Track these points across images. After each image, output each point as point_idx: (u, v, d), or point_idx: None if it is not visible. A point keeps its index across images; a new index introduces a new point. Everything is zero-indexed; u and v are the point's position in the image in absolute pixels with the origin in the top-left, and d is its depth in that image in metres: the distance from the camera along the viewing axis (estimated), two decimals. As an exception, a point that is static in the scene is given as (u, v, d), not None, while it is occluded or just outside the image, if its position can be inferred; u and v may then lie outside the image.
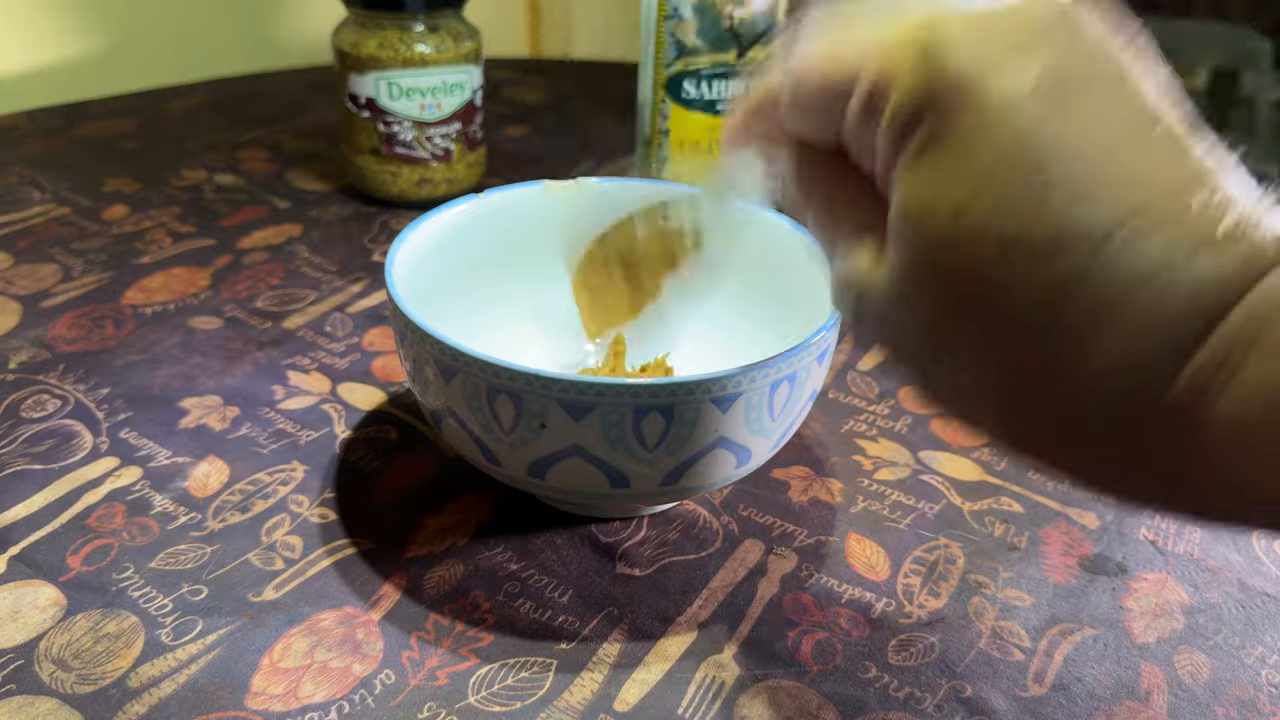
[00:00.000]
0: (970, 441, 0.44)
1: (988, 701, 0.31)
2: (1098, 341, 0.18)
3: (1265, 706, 0.32)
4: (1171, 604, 0.36)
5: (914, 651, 0.33)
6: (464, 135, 0.62)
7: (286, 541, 0.36)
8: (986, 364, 0.20)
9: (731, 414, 0.32)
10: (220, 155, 0.71)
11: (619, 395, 0.30)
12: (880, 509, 0.40)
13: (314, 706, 0.30)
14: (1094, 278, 0.18)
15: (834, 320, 0.34)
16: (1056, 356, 0.19)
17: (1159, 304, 0.18)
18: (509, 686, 0.31)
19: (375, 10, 0.57)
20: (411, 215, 0.62)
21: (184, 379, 0.45)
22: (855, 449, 0.43)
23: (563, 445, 0.32)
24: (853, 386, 0.47)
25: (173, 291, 0.52)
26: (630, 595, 0.35)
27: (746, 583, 0.36)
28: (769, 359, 0.32)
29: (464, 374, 0.32)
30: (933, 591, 0.36)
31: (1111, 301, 0.18)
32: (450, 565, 0.36)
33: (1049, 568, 0.37)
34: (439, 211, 0.40)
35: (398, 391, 0.45)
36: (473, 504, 0.39)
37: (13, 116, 0.76)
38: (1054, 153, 0.18)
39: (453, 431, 0.34)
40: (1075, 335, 0.18)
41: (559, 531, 0.37)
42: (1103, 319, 0.18)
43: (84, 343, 0.48)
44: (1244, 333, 0.17)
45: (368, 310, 0.52)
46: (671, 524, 0.38)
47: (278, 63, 0.92)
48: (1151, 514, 0.40)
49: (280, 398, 0.44)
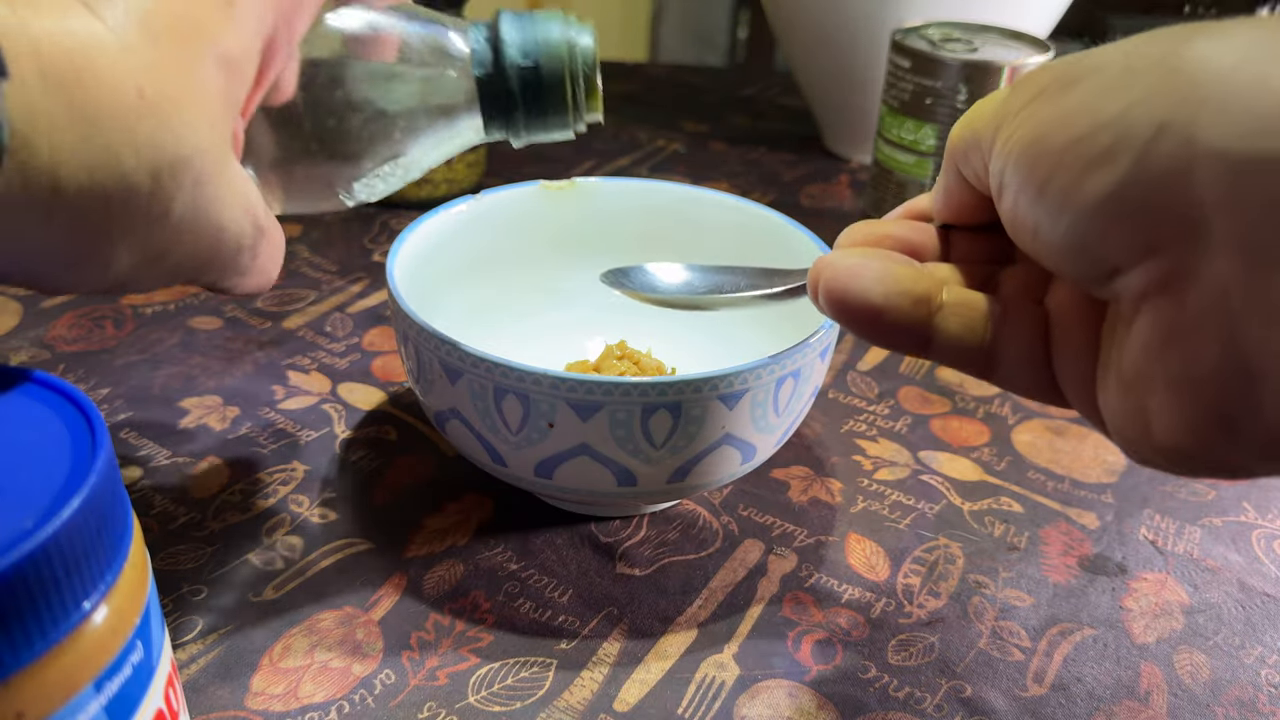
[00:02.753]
0: (969, 442, 0.44)
1: (988, 701, 0.32)
2: None
3: (1265, 706, 0.32)
4: (1171, 604, 0.36)
5: (914, 651, 0.33)
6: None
7: (286, 541, 0.36)
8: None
9: (738, 411, 0.32)
10: (220, 155, 0.71)
11: (627, 394, 0.30)
12: (880, 509, 0.40)
13: (314, 706, 0.30)
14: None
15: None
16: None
17: None
18: (509, 686, 0.31)
19: (375, 10, 0.57)
20: (411, 215, 0.62)
21: (184, 379, 0.45)
22: (855, 449, 0.43)
23: (570, 445, 0.32)
24: (853, 386, 0.47)
25: (173, 291, 0.52)
26: (630, 595, 0.35)
27: (746, 583, 0.36)
28: (775, 355, 0.32)
29: (470, 375, 0.32)
30: (933, 591, 0.36)
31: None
32: (450, 565, 0.36)
33: (1049, 568, 0.37)
34: (438, 212, 0.40)
35: (398, 391, 0.45)
36: (472, 504, 0.39)
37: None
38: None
39: (458, 432, 0.34)
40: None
41: (559, 531, 0.37)
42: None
43: (84, 343, 0.47)
44: None
45: (368, 310, 0.52)
46: (671, 524, 0.38)
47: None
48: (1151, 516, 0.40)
49: (280, 398, 0.44)
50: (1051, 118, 0.19)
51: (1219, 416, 0.18)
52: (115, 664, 0.18)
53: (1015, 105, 0.21)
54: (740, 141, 0.78)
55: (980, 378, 0.24)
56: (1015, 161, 0.20)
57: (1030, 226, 0.20)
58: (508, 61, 0.28)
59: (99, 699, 0.18)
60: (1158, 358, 0.19)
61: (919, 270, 0.23)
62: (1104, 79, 0.19)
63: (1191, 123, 0.17)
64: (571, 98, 0.29)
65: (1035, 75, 0.21)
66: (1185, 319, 0.18)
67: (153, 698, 0.20)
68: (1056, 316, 0.23)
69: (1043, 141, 0.19)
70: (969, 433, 0.44)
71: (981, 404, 0.46)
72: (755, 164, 0.73)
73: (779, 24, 0.75)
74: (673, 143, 0.77)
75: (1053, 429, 0.45)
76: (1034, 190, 0.20)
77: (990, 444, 0.44)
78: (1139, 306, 0.19)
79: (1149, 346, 0.19)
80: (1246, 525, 0.40)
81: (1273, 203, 0.16)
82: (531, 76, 0.28)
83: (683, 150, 0.76)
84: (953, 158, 0.24)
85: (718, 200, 0.43)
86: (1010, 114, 0.21)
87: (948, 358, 0.23)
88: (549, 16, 0.29)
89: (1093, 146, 0.18)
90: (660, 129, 0.80)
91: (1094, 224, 0.19)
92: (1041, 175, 0.19)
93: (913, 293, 0.23)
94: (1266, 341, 0.17)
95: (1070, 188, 0.19)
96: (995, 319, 0.23)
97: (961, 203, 0.25)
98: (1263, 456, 0.18)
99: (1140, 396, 0.19)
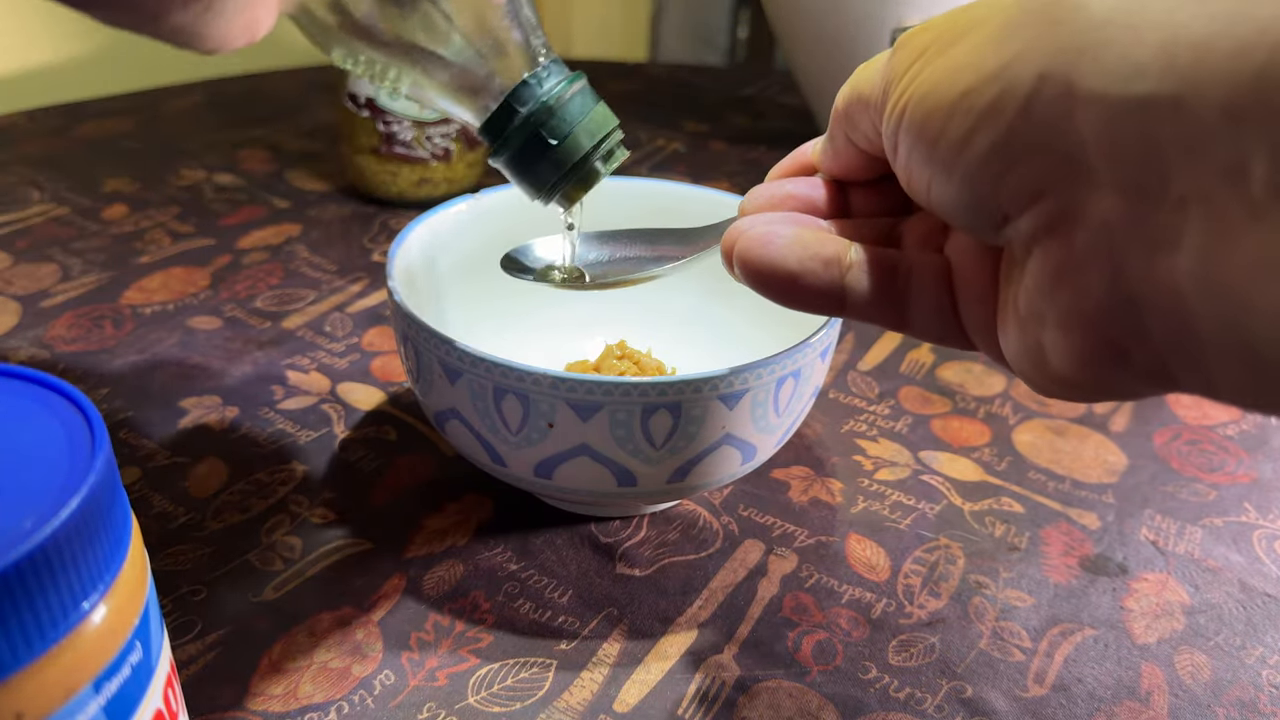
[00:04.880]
0: (970, 442, 0.44)
1: (988, 702, 0.31)
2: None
3: (1265, 707, 0.32)
4: (1172, 604, 0.36)
5: (914, 652, 0.33)
6: (464, 135, 0.62)
7: (286, 541, 0.36)
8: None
9: (738, 411, 0.32)
10: (219, 155, 0.71)
11: (627, 394, 0.30)
12: (880, 509, 0.40)
13: (314, 707, 0.30)
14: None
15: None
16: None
17: None
18: (509, 687, 0.31)
19: (375, 10, 0.57)
20: (411, 215, 0.62)
21: (184, 379, 0.45)
22: (855, 449, 0.43)
23: (570, 445, 0.32)
24: (853, 386, 0.47)
25: (172, 291, 0.52)
26: (630, 595, 0.35)
27: (746, 583, 0.36)
28: (775, 355, 0.32)
29: (470, 375, 0.31)
30: (933, 592, 0.36)
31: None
32: (450, 565, 0.36)
33: (1049, 568, 0.37)
34: (438, 211, 0.40)
35: (397, 391, 0.45)
36: (472, 504, 0.39)
37: (13, 116, 0.76)
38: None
39: (457, 432, 0.34)
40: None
41: (559, 531, 0.37)
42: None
43: (83, 343, 0.47)
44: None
45: (367, 310, 0.52)
46: (671, 524, 0.38)
47: (278, 62, 0.92)
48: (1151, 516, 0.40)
49: (280, 398, 0.44)
50: (937, 75, 0.20)
51: (1108, 345, 0.19)
52: (114, 664, 0.18)
53: (901, 65, 0.22)
54: (740, 141, 0.78)
55: (894, 329, 0.25)
56: (907, 121, 0.21)
57: (924, 182, 0.21)
58: (540, 121, 0.28)
59: (98, 699, 0.18)
60: (1049, 296, 0.19)
61: (824, 232, 0.24)
62: (985, 34, 0.20)
63: (1071, 71, 0.18)
64: (553, 189, 0.30)
65: (917, 35, 0.22)
66: (1072, 257, 0.19)
67: (152, 698, 0.20)
68: (957, 265, 0.24)
69: (930, 98, 0.20)
70: (969, 433, 0.44)
71: (982, 404, 0.46)
72: (755, 164, 0.73)
73: (779, 24, 0.75)
74: (673, 142, 0.77)
75: (1053, 429, 0.45)
76: (926, 147, 0.21)
77: (991, 444, 0.44)
78: (1030, 249, 0.20)
79: (1040, 286, 0.20)
80: (1247, 525, 0.40)
81: (1147, 140, 0.17)
82: (543, 147, 0.29)
83: (683, 150, 0.76)
84: (839, 123, 0.25)
85: (718, 200, 0.43)
86: (897, 75, 0.22)
87: (862, 314, 0.24)
88: (608, 122, 0.30)
89: (979, 100, 0.19)
90: (660, 129, 0.80)
91: (983, 174, 0.19)
92: (932, 132, 0.20)
93: (822, 255, 0.24)
94: (1148, 272, 0.18)
95: (960, 142, 0.20)
96: (903, 273, 0.24)
97: (850, 162, 0.26)
98: (1149, 380, 0.19)
99: (1035, 333, 0.20)
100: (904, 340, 0.51)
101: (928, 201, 0.22)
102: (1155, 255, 0.17)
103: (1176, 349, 0.18)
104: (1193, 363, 0.18)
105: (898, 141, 0.22)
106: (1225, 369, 0.17)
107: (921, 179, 0.21)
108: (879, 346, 0.51)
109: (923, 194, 0.22)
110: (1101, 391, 0.20)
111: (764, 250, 0.24)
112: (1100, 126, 0.17)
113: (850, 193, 0.27)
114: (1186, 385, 0.18)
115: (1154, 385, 0.19)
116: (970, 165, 0.20)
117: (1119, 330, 0.18)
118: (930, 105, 0.20)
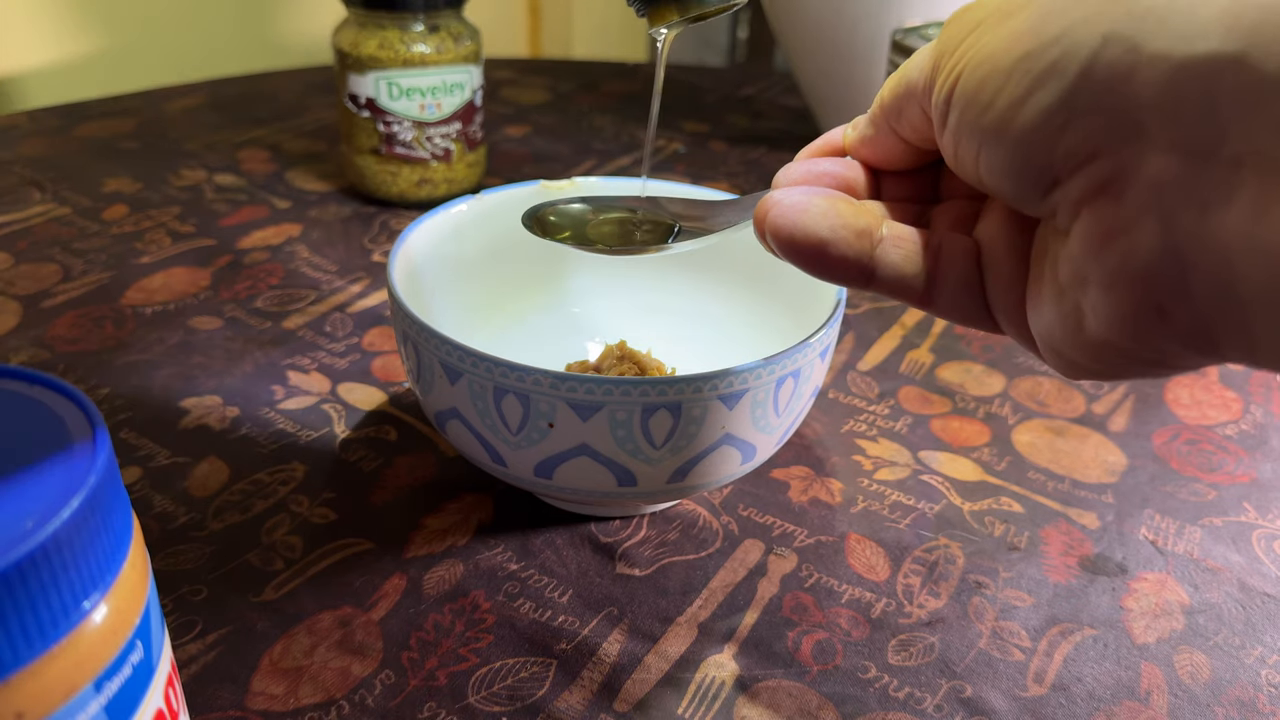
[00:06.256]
0: (969, 442, 0.44)
1: (988, 702, 0.31)
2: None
3: (1265, 707, 0.32)
4: (1171, 604, 0.36)
5: (914, 651, 0.33)
6: (464, 135, 0.62)
7: (286, 541, 0.36)
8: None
9: (738, 410, 0.32)
10: (220, 155, 0.71)
11: (627, 394, 0.30)
12: (880, 509, 0.40)
13: (314, 706, 0.30)
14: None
15: (835, 317, 0.34)
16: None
17: None
18: (509, 686, 0.31)
19: (375, 10, 0.57)
20: (411, 215, 0.62)
21: (184, 379, 0.45)
22: (855, 449, 0.43)
23: (570, 445, 0.32)
24: (853, 386, 0.47)
25: (173, 291, 0.52)
26: (630, 595, 0.35)
27: (746, 583, 0.36)
28: (774, 355, 0.32)
29: (470, 375, 0.32)
30: (933, 591, 0.36)
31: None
32: (450, 565, 0.36)
33: (1049, 568, 0.37)
34: (438, 211, 0.40)
35: (398, 391, 0.45)
36: (472, 504, 0.39)
37: (13, 116, 0.76)
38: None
39: (458, 432, 0.34)
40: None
41: (559, 531, 0.37)
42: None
43: (84, 343, 0.47)
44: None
45: (367, 310, 0.52)
46: (671, 524, 0.38)
47: (278, 63, 0.92)
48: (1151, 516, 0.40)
49: (280, 398, 0.44)
50: (995, 44, 0.21)
51: (1152, 304, 0.19)
52: (115, 664, 0.18)
53: (953, 41, 0.22)
54: (740, 141, 0.78)
55: (920, 307, 0.25)
56: (960, 88, 0.21)
57: (973, 151, 0.21)
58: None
59: (99, 699, 0.18)
60: (1096, 257, 0.20)
61: (859, 205, 0.25)
62: (1046, 4, 0.20)
63: (1136, 33, 0.18)
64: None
65: (971, 10, 0.22)
66: (1123, 216, 0.19)
67: (153, 698, 0.20)
68: (986, 247, 0.24)
69: (986, 64, 0.21)
70: (969, 433, 0.44)
71: (982, 404, 0.46)
72: (755, 164, 0.73)
73: (779, 24, 0.75)
74: (673, 143, 0.77)
75: (1053, 429, 0.45)
76: (977, 113, 0.21)
77: (990, 444, 0.44)
78: (1078, 212, 0.20)
79: (1087, 248, 0.20)
80: (1247, 525, 0.40)
81: (1207, 98, 0.17)
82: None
83: (683, 150, 0.76)
84: (885, 114, 0.26)
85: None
86: (949, 48, 0.22)
87: (889, 289, 0.24)
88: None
89: (1040, 61, 0.19)
90: (660, 129, 0.80)
91: (1038, 136, 0.20)
92: (986, 96, 0.21)
93: (855, 226, 0.24)
94: (1198, 231, 0.18)
95: (1017, 102, 0.20)
96: (933, 250, 0.24)
97: (889, 152, 0.26)
98: (1186, 346, 0.19)
99: (1074, 299, 0.21)
100: (904, 340, 0.51)
101: (975, 171, 0.22)
102: (1206, 214, 0.18)
103: (1220, 310, 0.18)
104: (1235, 324, 0.18)
105: (948, 110, 0.22)
106: (1269, 330, 0.17)
107: (970, 147, 0.22)
108: (879, 346, 0.51)
109: (970, 163, 0.22)
110: (1134, 360, 0.20)
111: (799, 217, 0.24)
112: (1161, 86, 0.18)
113: (882, 179, 0.27)
114: (1226, 347, 0.19)
115: (1191, 349, 0.19)
116: (1025, 127, 0.20)
117: (1164, 289, 0.19)
118: (986, 71, 0.21)
